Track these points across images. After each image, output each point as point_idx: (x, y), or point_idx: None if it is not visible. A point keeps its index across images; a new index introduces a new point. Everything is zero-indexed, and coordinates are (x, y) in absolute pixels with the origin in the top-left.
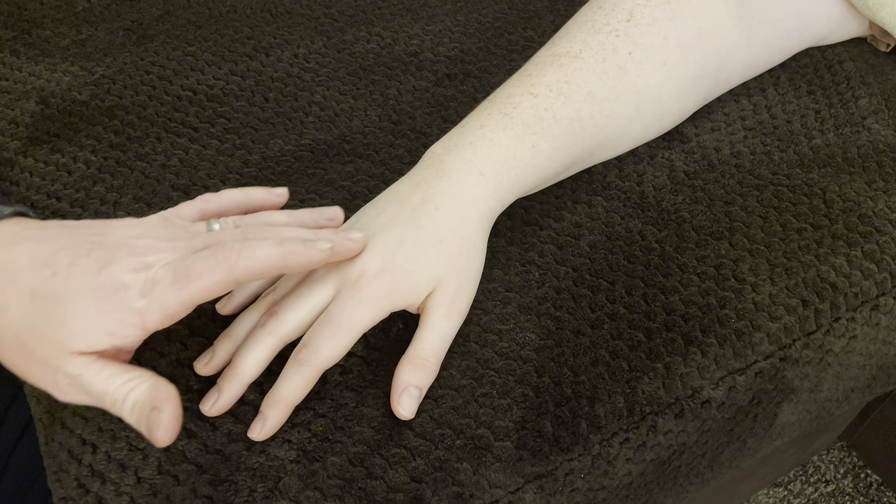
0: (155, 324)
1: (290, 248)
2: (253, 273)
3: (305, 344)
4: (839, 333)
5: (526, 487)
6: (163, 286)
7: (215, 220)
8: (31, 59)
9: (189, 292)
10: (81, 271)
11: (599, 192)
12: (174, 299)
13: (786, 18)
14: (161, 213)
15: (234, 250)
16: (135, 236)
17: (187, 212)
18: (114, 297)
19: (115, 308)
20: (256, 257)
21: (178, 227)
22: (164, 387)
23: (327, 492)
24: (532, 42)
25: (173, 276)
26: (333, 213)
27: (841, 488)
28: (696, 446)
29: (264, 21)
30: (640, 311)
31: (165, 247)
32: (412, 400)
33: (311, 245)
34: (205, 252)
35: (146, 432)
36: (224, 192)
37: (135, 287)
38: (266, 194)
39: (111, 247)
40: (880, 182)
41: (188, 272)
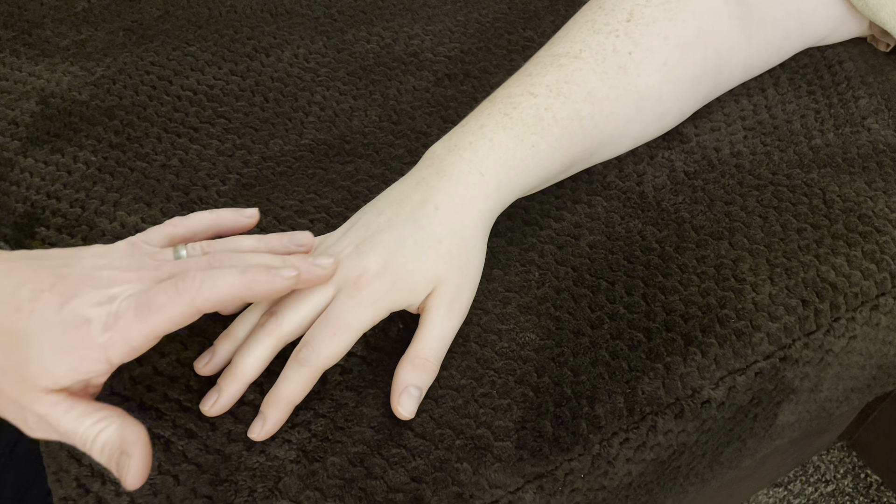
0: (120, 358)
1: (254, 277)
2: (216, 303)
3: (305, 344)
4: (839, 333)
5: (526, 487)
6: (125, 320)
7: (183, 246)
8: (31, 59)
9: (152, 325)
10: (44, 306)
11: (599, 192)
12: (137, 332)
13: (786, 19)
14: (129, 239)
15: (195, 280)
16: (99, 267)
17: (155, 237)
18: (77, 333)
19: (78, 344)
20: (219, 287)
21: (145, 254)
22: (132, 429)
23: (327, 492)
24: (532, 42)
25: (136, 309)
26: (303, 238)
27: (841, 488)
28: (696, 446)
29: (264, 21)
30: (640, 311)
31: (130, 277)
32: (412, 400)
33: (275, 273)
34: (167, 283)
35: (116, 475)
36: (193, 216)
37: (98, 321)
38: (236, 216)
39: (75, 279)
40: (880, 182)
41: (150, 305)
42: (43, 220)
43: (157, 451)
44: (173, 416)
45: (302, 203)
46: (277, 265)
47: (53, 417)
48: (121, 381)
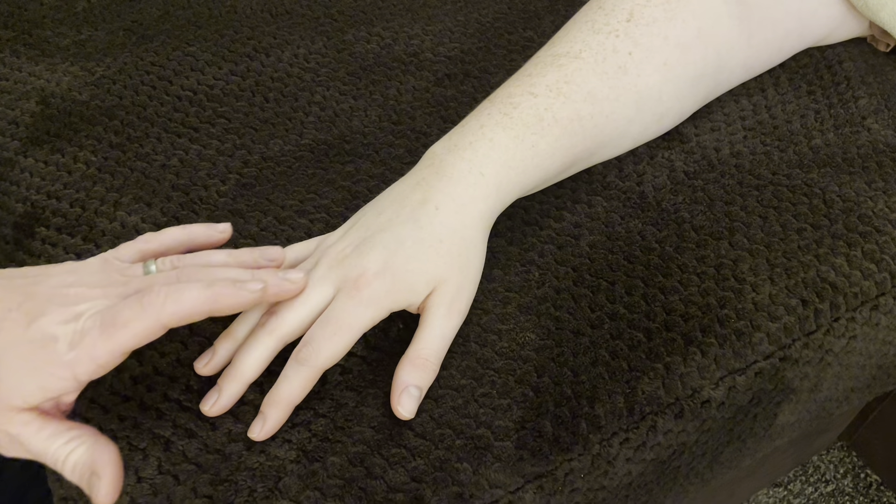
0: (87, 375)
1: (219, 291)
2: (181, 317)
3: (305, 344)
4: (839, 333)
5: (526, 487)
6: (91, 337)
7: (153, 261)
8: (31, 59)
9: (117, 341)
10: (12, 325)
11: (599, 192)
12: (103, 349)
13: (786, 19)
14: (101, 256)
15: (160, 295)
16: (67, 284)
17: (127, 253)
18: (43, 351)
19: (45, 362)
20: (183, 301)
21: (115, 270)
22: (103, 449)
23: (327, 492)
24: (532, 42)
25: (101, 326)
26: (274, 253)
27: (841, 488)
28: (696, 446)
29: (264, 21)
30: (640, 311)
31: (97, 294)
32: (412, 400)
33: (240, 286)
34: (132, 298)
35: (88, 494)
36: (165, 231)
37: (64, 339)
38: (209, 231)
39: (42, 298)
40: (880, 182)
41: (115, 321)
42: (43, 220)
43: (157, 451)
44: (173, 416)
45: (302, 203)
46: (245, 279)
47: (24, 437)
48: (121, 380)
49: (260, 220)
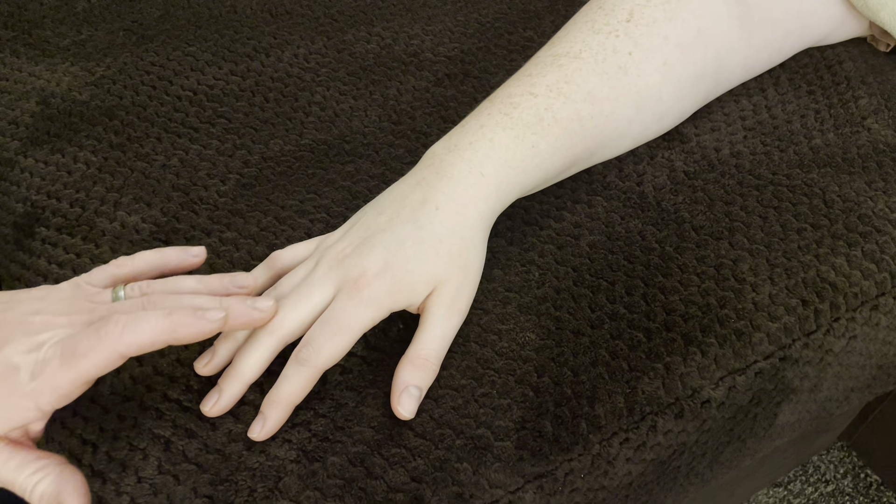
0: (50, 405)
1: (178, 320)
2: (139, 347)
3: (306, 344)
4: (839, 333)
5: (526, 487)
6: (52, 367)
7: (122, 286)
8: (31, 59)
9: (77, 372)
10: None
11: (599, 192)
12: (64, 379)
13: (786, 19)
14: (73, 280)
15: (118, 324)
16: (34, 311)
17: (98, 277)
18: (6, 381)
19: (8, 392)
20: (141, 331)
21: (84, 296)
22: (69, 478)
23: (327, 492)
24: (532, 42)
25: (61, 356)
26: (244, 280)
27: (841, 488)
28: (696, 446)
29: (264, 21)
30: (640, 311)
31: (62, 322)
32: (412, 400)
33: (201, 315)
34: (91, 328)
35: None
36: (139, 255)
37: (26, 369)
38: (182, 255)
39: (8, 325)
40: (880, 182)
41: (74, 351)
42: (43, 220)
43: (157, 451)
44: (173, 416)
45: (302, 203)
46: (208, 307)
47: None
48: (121, 380)
49: (260, 220)
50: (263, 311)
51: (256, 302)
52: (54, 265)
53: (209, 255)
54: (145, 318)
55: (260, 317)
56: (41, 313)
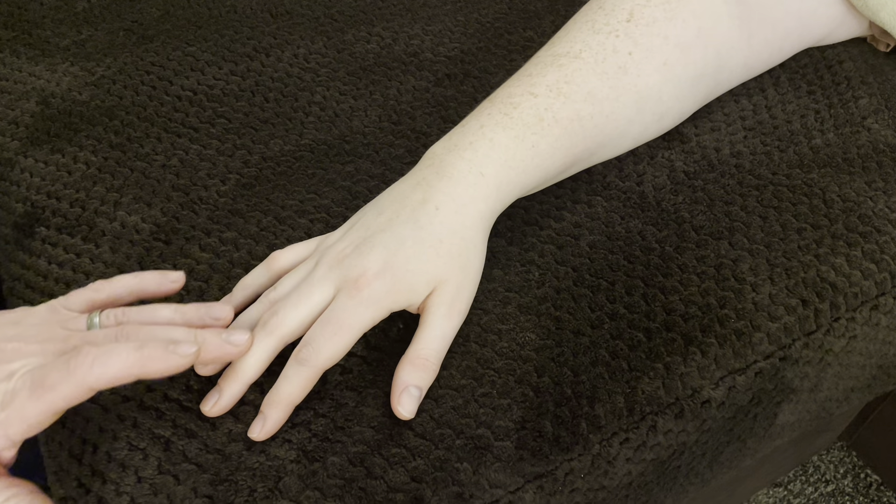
0: (20, 435)
1: (149, 354)
2: (108, 381)
3: (306, 343)
4: (839, 333)
5: (526, 487)
6: (20, 398)
7: (98, 313)
8: (31, 59)
9: (45, 404)
10: None
11: (599, 192)
12: (33, 411)
13: (786, 18)
14: (50, 303)
15: (88, 357)
16: (7, 338)
17: (76, 302)
18: None
19: None
20: (110, 366)
21: (59, 322)
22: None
23: (327, 492)
24: (532, 42)
25: (31, 387)
26: (220, 311)
27: (841, 488)
28: (696, 446)
29: (264, 21)
30: (640, 311)
31: (34, 350)
32: (412, 400)
33: (172, 350)
34: (61, 360)
35: None
36: (117, 279)
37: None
38: (160, 279)
39: None
40: (880, 182)
41: (43, 383)
42: (43, 220)
43: (157, 451)
44: (173, 416)
45: (302, 203)
46: (181, 340)
47: None
48: None
49: (260, 220)
50: (238, 346)
51: (231, 336)
52: (54, 265)
53: (209, 255)
54: (115, 352)
55: (234, 351)
56: (14, 340)
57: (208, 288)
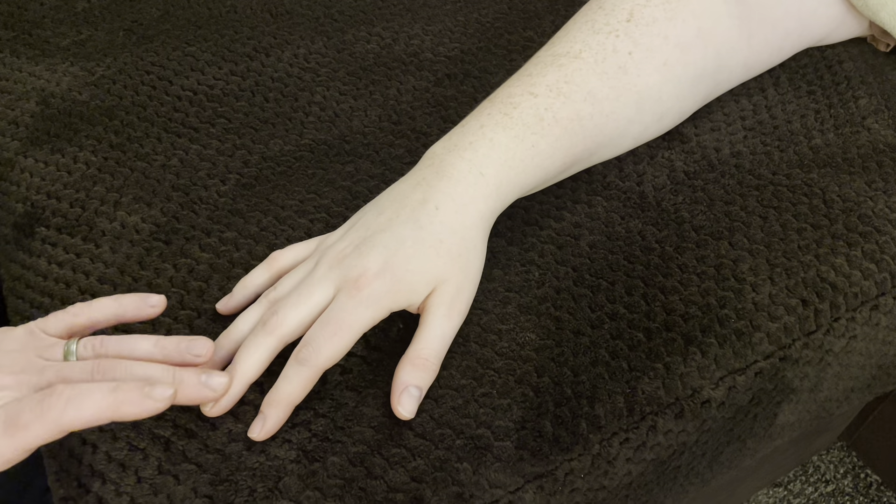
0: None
1: (123, 398)
2: (82, 423)
3: (306, 343)
4: (839, 333)
5: (526, 487)
6: None
7: (75, 340)
8: (31, 59)
9: (18, 442)
10: None
11: (599, 192)
12: (8, 447)
13: (786, 18)
14: (27, 326)
15: (61, 399)
16: None
17: (54, 326)
18: None
19: None
20: (83, 409)
21: (36, 349)
22: None
23: (327, 492)
24: (532, 42)
25: (4, 424)
26: (200, 348)
27: (841, 488)
28: (696, 446)
29: (264, 21)
30: (640, 311)
31: (9, 382)
32: (412, 400)
33: (147, 394)
34: (35, 399)
35: None
36: (96, 303)
37: None
38: (140, 304)
39: None
40: (880, 182)
41: (17, 422)
42: (43, 220)
43: (157, 451)
44: (173, 416)
45: (302, 203)
46: (159, 379)
47: None
48: None
49: (260, 220)
50: (215, 391)
51: (210, 378)
52: (54, 265)
53: (209, 255)
54: (89, 394)
55: (211, 395)
56: None
57: (208, 288)
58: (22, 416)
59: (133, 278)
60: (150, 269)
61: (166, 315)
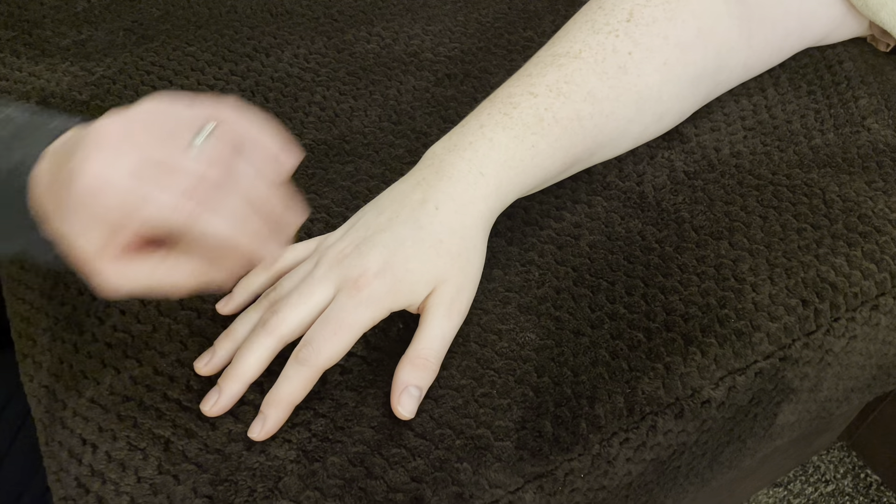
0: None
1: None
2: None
3: (306, 343)
4: (839, 333)
5: (526, 487)
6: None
7: (209, 128)
8: (32, 59)
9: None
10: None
11: (599, 192)
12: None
13: (786, 18)
14: (163, 96)
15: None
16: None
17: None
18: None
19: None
20: (216, 226)
21: (171, 120)
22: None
23: (327, 492)
24: (532, 42)
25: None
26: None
27: (841, 488)
28: (696, 446)
29: (264, 21)
30: (640, 311)
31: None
32: (412, 400)
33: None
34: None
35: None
36: (226, 101)
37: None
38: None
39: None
40: (880, 182)
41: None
42: None
43: (157, 451)
44: (173, 416)
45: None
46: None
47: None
48: (121, 380)
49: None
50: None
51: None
52: None
53: None
54: (216, 218)
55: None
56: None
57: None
58: (157, 200)
59: None
60: None
61: (166, 315)
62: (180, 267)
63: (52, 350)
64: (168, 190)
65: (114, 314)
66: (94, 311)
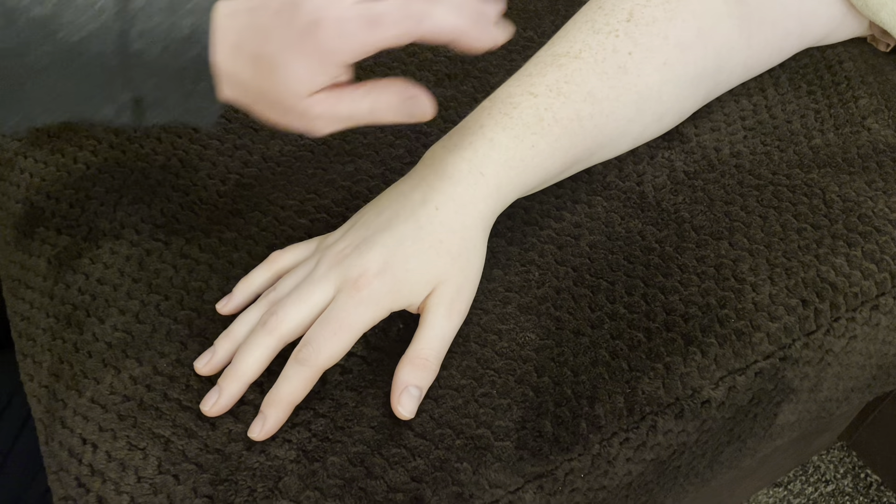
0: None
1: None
2: (436, 32)
3: (306, 343)
4: (839, 333)
5: (526, 487)
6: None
7: None
8: None
9: (375, 37)
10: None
11: (599, 192)
12: (364, 42)
13: (786, 19)
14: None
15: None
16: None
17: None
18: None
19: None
20: (444, 21)
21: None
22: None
23: (327, 492)
24: (532, 42)
25: (366, 20)
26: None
27: (841, 488)
28: (696, 446)
29: None
30: (640, 311)
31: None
32: (412, 400)
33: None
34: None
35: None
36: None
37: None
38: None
39: None
40: (880, 182)
41: (379, 19)
42: (43, 220)
43: (157, 450)
44: (173, 415)
45: (302, 203)
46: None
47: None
48: (121, 380)
49: (260, 220)
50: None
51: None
52: (54, 265)
53: (209, 255)
54: (447, 14)
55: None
56: None
57: (208, 288)
58: (385, 16)
59: (133, 279)
60: (150, 270)
61: (166, 315)
62: (382, 98)
63: (52, 350)
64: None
65: (114, 314)
66: (94, 311)
